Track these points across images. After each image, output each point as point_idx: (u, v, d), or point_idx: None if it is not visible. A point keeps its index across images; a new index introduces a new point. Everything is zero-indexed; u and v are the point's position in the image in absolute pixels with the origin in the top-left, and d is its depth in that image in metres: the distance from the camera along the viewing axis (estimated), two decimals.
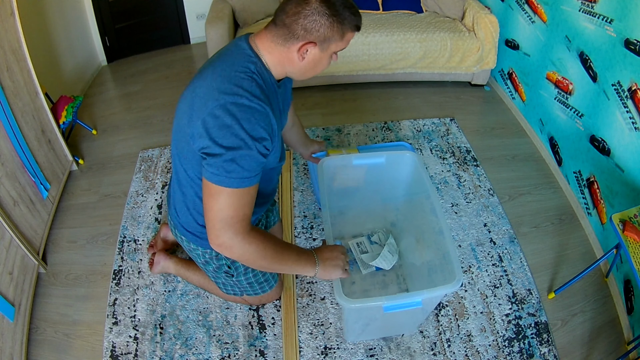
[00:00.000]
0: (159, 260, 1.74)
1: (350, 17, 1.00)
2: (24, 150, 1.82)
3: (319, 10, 0.96)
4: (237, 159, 0.95)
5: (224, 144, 0.94)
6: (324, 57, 1.04)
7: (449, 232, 1.32)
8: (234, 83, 0.96)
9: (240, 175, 0.97)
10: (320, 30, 0.97)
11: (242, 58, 1.02)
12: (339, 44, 1.04)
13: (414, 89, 2.90)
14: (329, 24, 0.97)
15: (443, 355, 1.56)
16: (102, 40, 3.18)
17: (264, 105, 0.97)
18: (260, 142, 0.97)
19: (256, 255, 1.06)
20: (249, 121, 0.95)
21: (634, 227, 1.38)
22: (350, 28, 1.02)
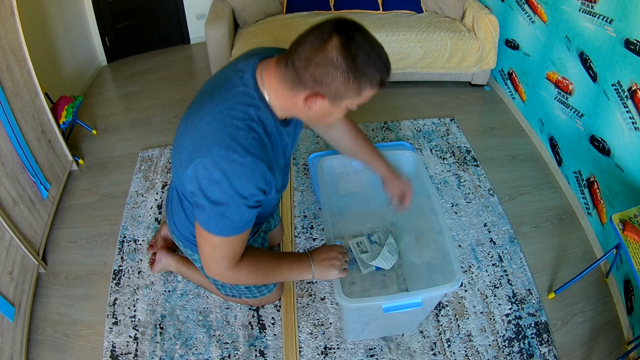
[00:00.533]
0: (160, 258, 1.74)
1: (372, 73, 0.84)
2: (24, 150, 1.82)
3: (334, 62, 0.81)
4: (226, 213, 0.92)
5: (212, 198, 0.90)
6: (334, 111, 0.91)
7: (448, 232, 1.33)
8: (229, 134, 0.88)
9: (231, 226, 0.95)
10: (332, 84, 0.84)
11: (243, 98, 0.92)
12: (354, 100, 0.89)
13: (414, 89, 2.90)
14: (344, 79, 0.83)
15: (443, 355, 1.56)
16: (102, 40, 3.17)
17: (258, 161, 0.90)
18: (249, 198, 0.92)
19: (249, 279, 1.08)
20: (240, 179, 0.89)
21: (634, 227, 1.38)
22: (371, 85, 0.86)
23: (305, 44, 0.84)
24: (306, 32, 0.85)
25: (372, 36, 0.85)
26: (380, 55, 0.85)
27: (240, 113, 0.90)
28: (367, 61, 0.82)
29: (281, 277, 1.14)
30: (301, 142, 2.42)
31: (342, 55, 0.81)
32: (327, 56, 0.81)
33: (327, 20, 0.84)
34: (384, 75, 0.86)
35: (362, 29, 0.84)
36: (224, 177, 0.87)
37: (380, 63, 0.85)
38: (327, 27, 0.82)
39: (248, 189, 0.90)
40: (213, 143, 0.88)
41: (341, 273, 1.19)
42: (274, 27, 2.70)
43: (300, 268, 1.16)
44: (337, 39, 0.81)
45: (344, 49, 0.80)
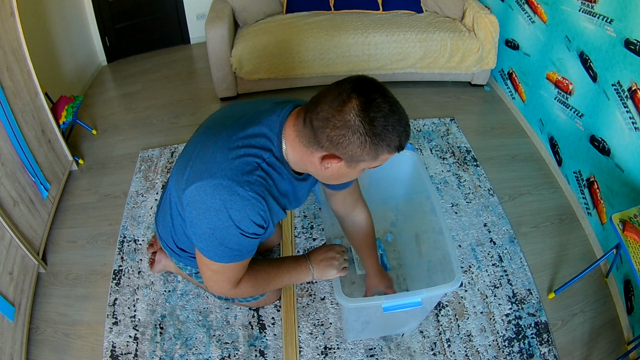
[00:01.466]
0: (160, 259, 1.74)
1: (390, 138, 0.82)
2: (24, 150, 1.82)
3: (352, 125, 0.79)
4: (225, 242, 0.92)
5: (211, 226, 0.90)
6: (351, 172, 0.90)
7: (448, 232, 1.33)
8: (237, 167, 0.88)
9: (230, 254, 0.95)
10: (349, 147, 0.82)
11: (262, 139, 0.92)
12: (371, 163, 0.87)
13: (414, 89, 2.90)
14: (360, 143, 0.81)
15: (443, 355, 1.56)
16: (102, 40, 3.17)
17: (260, 198, 0.90)
18: (246, 231, 0.92)
19: (250, 292, 1.10)
20: (239, 211, 0.88)
21: (634, 227, 1.38)
22: (389, 150, 0.84)
23: (324, 102, 0.82)
24: (326, 90, 0.84)
25: (393, 97, 0.83)
26: (400, 119, 0.82)
27: (255, 151, 0.90)
28: (385, 125, 0.80)
29: (281, 283, 1.16)
30: None
31: (360, 119, 0.79)
32: (345, 118, 0.79)
33: (348, 79, 0.83)
34: (402, 139, 0.84)
35: (383, 90, 0.82)
36: (223, 207, 0.87)
37: (400, 127, 0.82)
38: (346, 86, 0.81)
39: (245, 222, 0.90)
40: (219, 170, 0.88)
41: (340, 272, 1.19)
42: (274, 27, 2.70)
43: (299, 272, 1.16)
44: (356, 101, 0.79)
45: (362, 111, 0.79)
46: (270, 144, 0.92)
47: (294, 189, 1.03)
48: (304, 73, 2.71)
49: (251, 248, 0.98)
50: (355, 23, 2.70)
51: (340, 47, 2.62)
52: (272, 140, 0.92)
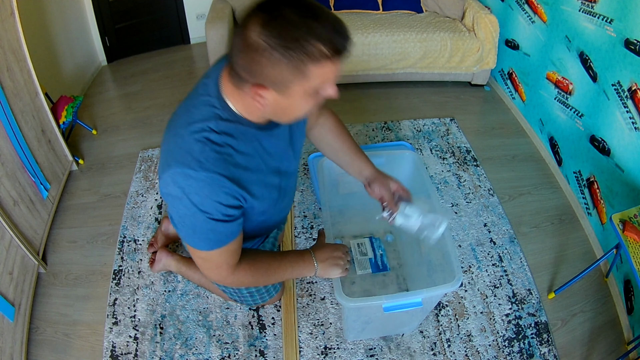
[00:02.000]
0: (161, 258, 1.74)
1: (309, 45, 0.68)
2: (24, 150, 1.82)
3: (257, 45, 0.69)
4: (197, 228, 0.88)
5: (180, 214, 0.87)
6: (292, 101, 0.77)
7: (448, 232, 1.32)
8: (186, 149, 0.82)
9: (207, 240, 0.90)
10: (265, 71, 0.71)
11: (203, 110, 0.85)
12: (305, 83, 0.73)
13: (414, 89, 2.90)
14: (272, 63, 0.70)
15: (443, 355, 1.56)
16: (102, 40, 3.17)
17: (214, 175, 0.82)
18: (213, 213, 0.85)
19: (251, 281, 1.06)
20: (197, 194, 0.83)
21: (634, 227, 1.38)
22: (314, 60, 0.70)
23: (235, 34, 0.74)
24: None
25: (309, 3, 0.70)
26: (318, 20, 0.68)
27: (199, 126, 0.83)
28: (296, 34, 0.67)
29: (283, 277, 1.13)
30: None
31: (263, 36, 0.68)
32: (249, 41, 0.70)
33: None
34: (334, 41, 0.69)
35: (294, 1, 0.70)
36: (182, 193, 0.83)
37: (321, 30, 0.68)
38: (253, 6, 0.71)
39: (208, 204, 0.84)
40: (172, 159, 0.84)
41: (343, 273, 1.18)
42: None
43: (302, 267, 1.14)
44: (257, 19, 0.69)
45: (264, 28, 0.68)
46: (213, 110, 0.84)
47: (264, 143, 0.92)
48: None
49: (230, 232, 0.91)
50: (355, 23, 2.70)
51: None
52: (214, 105, 0.85)
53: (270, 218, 1.15)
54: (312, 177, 2.12)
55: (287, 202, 1.19)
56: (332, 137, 1.26)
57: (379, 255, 1.82)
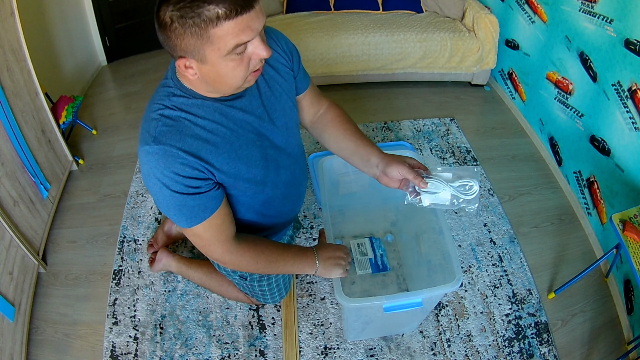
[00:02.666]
0: (161, 258, 1.74)
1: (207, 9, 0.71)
2: (24, 150, 1.82)
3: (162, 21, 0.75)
4: (171, 206, 0.90)
5: (153, 192, 0.91)
6: (215, 68, 0.80)
7: (448, 232, 1.32)
8: (146, 129, 0.89)
9: (183, 217, 0.92)
10: (176, 43, 0.77)
11: (161, 91, 0.92)
12: (215, 47, 0.76)
13: (414, 89, 2.90)
14: (175, 34, 0.75)
15: (443, 355, 1.56)
16: (102, 40, 3.17)
17: (166, 147, 0.85)
18: (175, 185, 0.87)
19: (249, 266, 1.07)
20: (156, 167, 0.86)
21: (634, 227, 1.38)
22: (213, 22, 0.72)
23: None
24: None
25: None
26: None
27: (155, 106, 0.90)
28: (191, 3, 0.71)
29: (284, 269, 1.13)
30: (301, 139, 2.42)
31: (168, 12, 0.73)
32: (159, 20, 0.76)
33: None
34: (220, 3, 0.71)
35: None
36: (148, 169, 0.88)
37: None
38: None
39: (167, 176, 0.86)
40: (139, 141, 0.90)
41: (343, 274, 1.19)
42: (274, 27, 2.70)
43: (303, 263, 1.15)
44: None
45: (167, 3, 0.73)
46: (168, 89, 0.90)
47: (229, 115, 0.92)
48: None
49: (203, 206, 0.91)
50: (355, 23, 2.70)
51: (340, 47, 2.62)
52: (169, 85, 0.91)
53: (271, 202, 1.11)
54: (312, 177, 2.12)
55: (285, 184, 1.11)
56: (334, 126, 1.18)
57: (379, 256, 1.82)
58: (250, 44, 0.79)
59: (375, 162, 1.08)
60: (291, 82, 1.08)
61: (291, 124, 1.10)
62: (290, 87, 1.08)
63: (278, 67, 1.04)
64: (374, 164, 1.09)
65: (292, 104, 1.09)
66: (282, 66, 1.05)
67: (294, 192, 1.21)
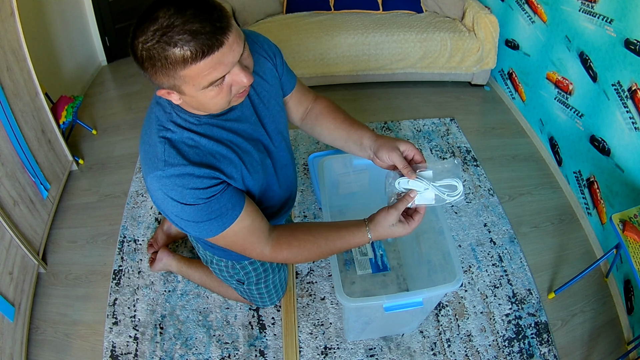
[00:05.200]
0: (162, 258, 1.74)
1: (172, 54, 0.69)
2: (24, 150, 1.82)
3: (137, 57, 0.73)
4: (196, 220, 0.88)
5: (171, 213, 0.88)
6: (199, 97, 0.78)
7: (449, 232, 1.32)
8: (151, 155, 0.86)
9: (214, 225, 0.90)
10: (152, 79, 0.76)
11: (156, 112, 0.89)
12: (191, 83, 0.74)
13: (414, 89, 2.90)
14: (151, 74, 0.74)
15: (443, 355, 1.56)
16: (102, 40, 3.17)
17: (180, 168, 0.84)
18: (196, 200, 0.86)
19: (298, 256, 1.01)
20: (174, 190, 0.84)
21: (634, 227, 1.38)
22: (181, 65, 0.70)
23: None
24: None
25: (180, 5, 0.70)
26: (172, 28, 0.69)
27: (155, 129, 0.86)
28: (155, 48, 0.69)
29: (334, 252, 1.03)
30: (301, 142, 2.42)
31: (138, 50, 0.72)
32: (133, 53, 0.74)
33: None
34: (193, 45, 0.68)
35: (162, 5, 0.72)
36: (163, 195, 0.85)
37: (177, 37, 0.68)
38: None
39: (186, 195, 0.85)
40: (144, 171, 0.87)
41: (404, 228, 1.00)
42: (274, 27, 2.70)
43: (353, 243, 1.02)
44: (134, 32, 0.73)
45: (132, 41, 0.72)
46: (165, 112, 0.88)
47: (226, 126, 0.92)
48: (303, 73, 2.71)
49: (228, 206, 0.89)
50: (355, 23, 2.70)
51: (340, 47, 2.62)
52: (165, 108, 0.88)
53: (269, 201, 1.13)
54: (312, 177, 2.12)
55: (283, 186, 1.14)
56: (323, 117, 1.16)
57: (379, 256, 1.82)
58: (228, 75, 0.76)
59: (367, 145, 1.06)
60: (277, 85, 1.07)
61: (281, 127, 1.09)
62: (277, 91, 1.07)
63: (265, 72, 1.02)
64: (367, 146, 1.06)
65: (279, 108, 1.08)
66: (268, 70, 1.03)
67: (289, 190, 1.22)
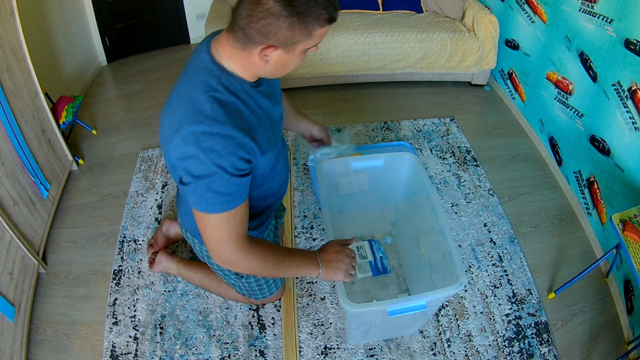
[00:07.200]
0: (161, 260, 1.74)
1: (317, 11, 0.84)
2: (24, 150, 1.82)
3: (274, 11, 0.82)
4: (212, 186, 0.91)
5: (194, 173, 0.90)
6: (292, 57, 0.93)
7: (450, 232, 1.32)
8: (195, 110, 0.90)
9: (220, 200, 0.93)
10: (279, 33, 0.85)
11: (203, 74, 0.95)
12: (308, 42, 0.90)
13: (414, 89, 2.90)
14: (287, 25, 0.84)
15: (443, 355, 1.56)
16: (102, 40, 3.17)
17: (227, 126, 0.89)
18: (229, 166, 0.91)
19: (258, 268, 1.07)
20: (213, 149, 0.88)
21: (634, 227, 1.38)
22: (319, 24, 0.87)
23: (243, 3, 0.86)
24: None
25: None
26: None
27: (202, 87, 0.92)
28: (306, 2, 0.83)
29: (289, 272, 1.13)
30: (301, 142, 2.42)
31: (279, 4, 0.81)
32: (265, 7, 0.82)
33: None
34: (330, 10, 0.86)
35: None
36: (198, 150, 0.88)
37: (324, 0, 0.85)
38: None
39: (224, 157, 0.89)
40: (182, 122, 0.89)
41: (346, 277, 1.17)
42: None
43: (307, 266, 1.14)
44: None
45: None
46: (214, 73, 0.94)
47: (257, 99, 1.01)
48: (303, 73, 2.71)
49: (241, 191, 0.96)
50: (355, 23, 2.70)
51: (340, 47, 2.62)
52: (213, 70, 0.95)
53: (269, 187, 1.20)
54: (312, 177, 2.12)
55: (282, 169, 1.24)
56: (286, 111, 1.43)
57: (379, 258, 1.82)
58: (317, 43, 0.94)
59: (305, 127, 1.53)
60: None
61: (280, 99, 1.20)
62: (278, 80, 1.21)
63: None
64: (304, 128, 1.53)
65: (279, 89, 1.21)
66: None
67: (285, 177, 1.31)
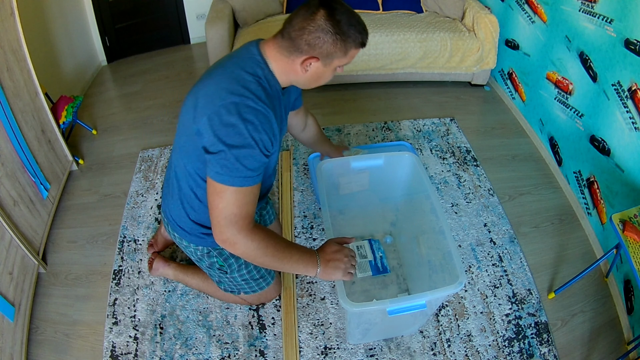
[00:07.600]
0: (158, 267, 1.74)
1: (355, 35, 1.03)
2: (24, 150, 1.82)
3: (323, 27, 0.99)
4: (241, 158, 0.99)
5: (228, 141, 0.98)
6: (327, 71, 1.09)
7: (450, 232, 1.32)
8: (242, 85, 1.01)
9: (244, 174, 1.00)
10: (324, 47, 1.02)
11: (251, 62, 1.07)
12: (343, 60, 1.07)
13: (414, 89, 2.90)
14: (332, 41, 1.01)
15: (443, 355, 1.56)
16: (102, 40, 3.17)
17: (268, 109, 1.02)
18: (262, 143, 1.01)
19: (258, 252, 1.08)
20: (253, 123, 0.98)
21: (634, 227, 1.38)
22: (355, 45, 1.05)
23: (297, 17, 1.03)
24: (297, 10, 1.05)
25: (350, 7, 1.04)
26: (359, 20, 1.04)
27: (250, 69, 1.05)
28: (349, 25, 1.01)
29: (288, 263, 1.13)
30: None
31: (329, 22, 0.99)
32: (317, 23, 0.99)
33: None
34: (364, 36, 1.05)
35: (341, 2, 1.04)
36: (239, 120, 0.97)
37: (360, 27, 1.04)
38: (313, 2, 1.02)
39: (260, 132, 1.00)
40: (227, 92, 1.00)
41: (344, 276, 1.18)
42: (274, 27, 2.69)
43: (307, 261, 1.15)
44: (323, 10, 1.00)
45: (330, 16, 0.99)
46: (259, 62, 1.07)
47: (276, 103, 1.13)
48: None
49: (260, 170, 1.05)
50: None
51: None
52: (258, 60, 1.08)
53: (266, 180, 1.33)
54: (312, 177, 2.12)
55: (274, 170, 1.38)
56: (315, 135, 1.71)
57: (379, 258, 1.82)
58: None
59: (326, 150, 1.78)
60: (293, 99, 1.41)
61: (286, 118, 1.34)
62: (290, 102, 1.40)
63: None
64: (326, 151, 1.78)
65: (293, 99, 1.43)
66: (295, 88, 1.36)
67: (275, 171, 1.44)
